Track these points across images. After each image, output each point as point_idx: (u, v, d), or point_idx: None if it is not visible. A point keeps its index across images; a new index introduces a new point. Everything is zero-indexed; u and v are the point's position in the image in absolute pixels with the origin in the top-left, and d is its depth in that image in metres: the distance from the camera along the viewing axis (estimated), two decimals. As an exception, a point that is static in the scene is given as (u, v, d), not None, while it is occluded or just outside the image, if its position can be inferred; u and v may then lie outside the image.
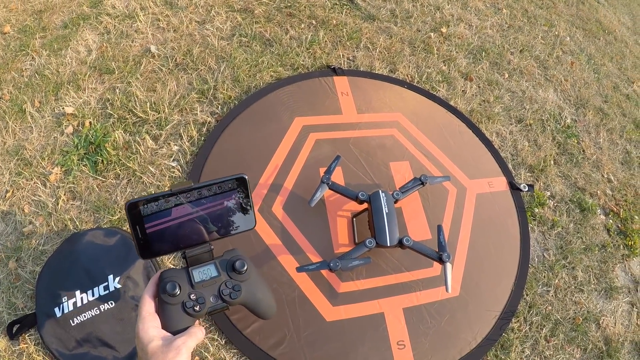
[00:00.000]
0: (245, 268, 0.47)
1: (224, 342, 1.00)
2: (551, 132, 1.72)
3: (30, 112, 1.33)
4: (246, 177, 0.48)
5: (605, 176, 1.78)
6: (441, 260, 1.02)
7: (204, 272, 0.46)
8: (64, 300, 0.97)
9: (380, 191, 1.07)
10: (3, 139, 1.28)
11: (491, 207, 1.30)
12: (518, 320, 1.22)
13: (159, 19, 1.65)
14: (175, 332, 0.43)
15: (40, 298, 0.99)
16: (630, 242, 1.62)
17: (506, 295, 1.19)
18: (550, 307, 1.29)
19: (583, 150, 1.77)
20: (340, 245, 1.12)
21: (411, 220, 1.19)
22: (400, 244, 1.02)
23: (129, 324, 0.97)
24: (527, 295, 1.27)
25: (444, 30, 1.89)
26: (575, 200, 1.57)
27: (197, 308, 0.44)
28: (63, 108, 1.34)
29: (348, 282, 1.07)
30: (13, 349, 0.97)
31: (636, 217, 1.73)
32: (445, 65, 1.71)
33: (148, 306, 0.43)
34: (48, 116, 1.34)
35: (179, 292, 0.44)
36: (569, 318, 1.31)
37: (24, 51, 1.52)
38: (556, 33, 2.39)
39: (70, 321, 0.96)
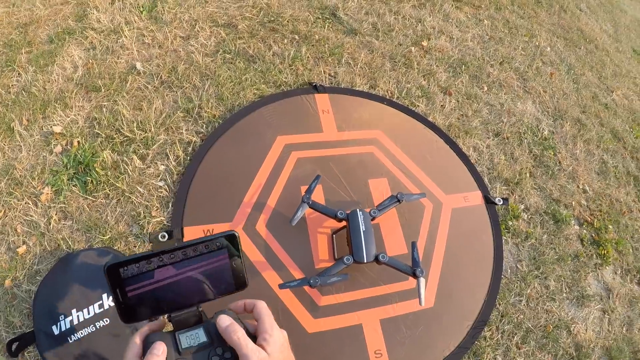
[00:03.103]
0: None
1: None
2: (528, 144, 1.87)
3: (18, 131, 1.42)
4: (236, 234, 0.45)
5: (581, 187, 1.94)
6: (415, 275, 1.15)
7: (192, 337, 0.44)
8: (61, 319, 1.07)
9: (357, 210, 1.20)
10: None
11: (466, 221, 1.44)
12: (490, 329, 1.35)
13: (144, 34, 1.75)
14: None
15: (37, 317, 1.09)
16: (603, 252, 1.76)
17: (479, 305, 1.33)
18: (522, 316, 1.43)
19: (559, 162, 1.93)
20: (320, 260, 1.24)
21: (388, 235, 1.32)
22: (377, 260, 1.15)
23: (123, 339, 1.07)
24: (499, 305, 1.41)
25: (424, 43, 2.03)
26: (549, 212, 1.72)
27: None
28: (51, 127, 1.43)
29: (328, 295, 1.19)
30: None
31: (610, 226, 1.88)
32: (425, 80, 1.85)
33: None
34: (36, 135, 1.43)
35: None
36: (540, 326, 1.45)
37: (10, 67, 1.61)
38: (537, 43, 2.55)
39: (68, 338, 1.06)
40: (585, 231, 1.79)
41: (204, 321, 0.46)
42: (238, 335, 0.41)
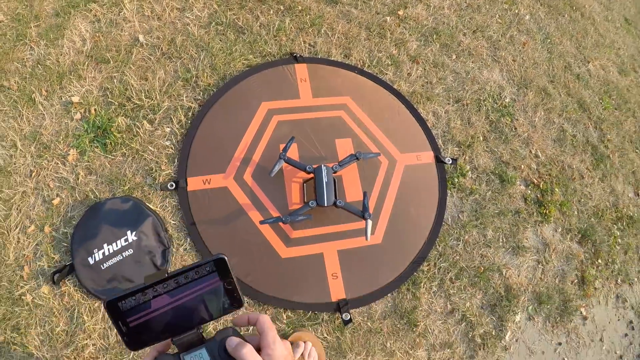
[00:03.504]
0: None
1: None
2: (486, 111, 2.12)
3: (40, 101, 1.68)
4: (225, 258, 0.48)
5: (534, 152, 2.13)
6: (363, 217, 1.51)
7: (196, 357, 0.48)
8: (94, 252, 1.44)
9: (322, 165, 1.53)
10: (20, 126, 1.65)
11: (416, 176, 1.78)
12: (428, 265, 1.69)
13: (143, 7, 1.96)
14: None
15: (75, 252, 1.44)
16: (545, 211, 1.98)
17: (420, 244, 1.69)
18: (457, 257, 1.74)
19: (515, 128, 2.17)
20: (293, 203, 1.60)
21: (349, 186, 1.67)
22: (335, 204, 1.51)
23: (143, 264, 1.45)
24: (439, 246, 1.74)
25: (400, 12, 2.21)
26: (497, 172, 1.98)
27: None
28: (70, 97, 1.71)
29: (298, 230, 1.57)
30: (55, 292, 1.43)
31: (557, 189, 2.07)
32: (395, 49, 2.08)
33: None
34: (57, 104, 1.71)
35: None
36: (474, 267, 1.75)
37: (21, 41, 1.81)
38: (516, 11, 2.64)
39: (101, 266, 1.43)
40: (530, 192, 2.00)
41: (206, 341, 0.50)
42: (246, 351, 0.45)
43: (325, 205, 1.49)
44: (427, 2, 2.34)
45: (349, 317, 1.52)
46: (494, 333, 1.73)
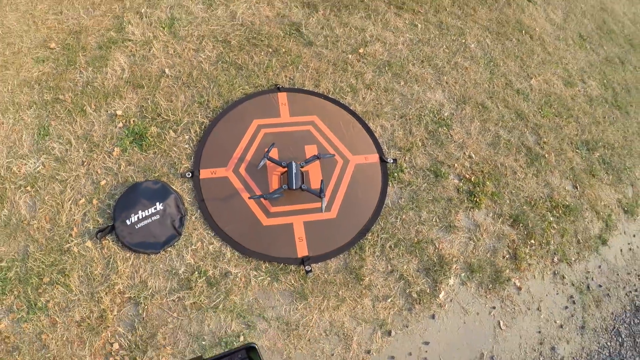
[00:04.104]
0: None
1: (212, 234, 2.23)
2: (425, 123, 2.82)
3: (90, 112, 2.40)
4: (256, 346, 0.49)
5: (467, 154, 2.74)
6: (320, 197, 2.22)
7: None
8: (132, 216, 2.14)
9: (292, 162, 2.25)
10: (74, 129, 2.34)
11: (364, 171, 2.48)
12: (372, 235, 2.34)
13: (167, 47, 2.75)
14: None
15: (117, 216, 2.13)
16: (476, 199, 2.52)
17: (366, 220, 2.38)
18: (396, 230, 2.39)
19: (451, 136, 2.85)
20: (273, 187, 2.32)
21: (313, 178, 2.38)
22: (300, 188, 2.22)
23: (166, 226, 2.15)
24: (381, 222, 2.40)
25: (361, 50, 2.96)
26: (432, 169, 2.65)
27: None
28: (114, 110, 2.45)
29: (276, 207, 2.28)
30: (97, 245, 2.09)
31: (488, 183, 2.63)
32: (354, 80, 2.81)
33: None
34: (104, 115, 2.45)
35: None
36: (410, 239, 2.36)
37: (72, 66, 2.52)
38: (463, 41, 3.32)
39: (135, 226, 2.13)
40: (462, 184, 2.57)
41: None
42: None
43: (294, 188, 2.21)
44: (384, 40, 3.09)
45: (310, 268, 2.21)
46: (429, 291, 2.28)
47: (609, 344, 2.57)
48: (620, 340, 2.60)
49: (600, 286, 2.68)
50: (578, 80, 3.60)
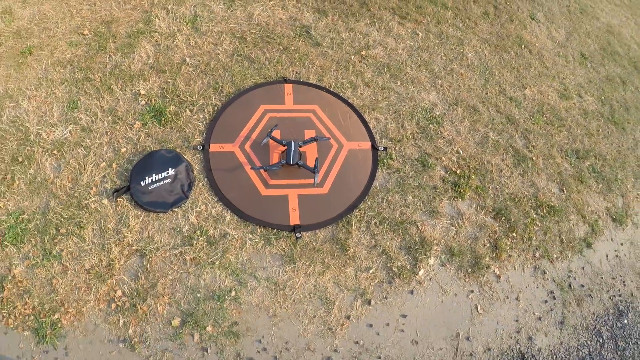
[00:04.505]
0: None
1: (216, 199, 2.55)
2: (417, 120, 3.09)
3: (116, 90, 2.78)
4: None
5: (455, 150, 3.00)
6: (313, 172, 2.51)
7: None
8: (146, 178, 2.45)
9: (292, 141, 2.57)
10: (100, 104, 2.69)
11: (356, 156, 2.77)
12: (359, 212, 2.60)
13: (189, 39, 3.14)
14: None
15: (133, 178, 2.44)
16: (460, 190, 2.74)
17: (354, 197, 2.65)
18: (381, 210, 2.65)
19: (441, 132, 3.10)
20: (273, 161, 2.63)
21: (309, 158, 2.69)
22: (297, 164, 2.53)
23: (174, 189, 2.47)
24: (368, 201, 2.66)
25: (363, 52, 3.30)
26: (420, 159, 2.92)
27: None
28: (138, 90, 2.83)
29: (274, 180, 2.58)
30: (112, 203, 2.40)
31: (474, 176, 2.88)
32: (354, 77, 3.14)
33: None
34: (128, 94, 2.82)
35: None
36: (394, 218, 2.61)
37: (102, 51, 2.90)
38: (461, 50, 3.62)
39: (149, 187, 2.44)
40: (448, 176, 2.80)
41: None
42: None
43: (292, 163, 2.51)
44: (386, 45, 3.42)
45: (300, 235, 2.48)
46: (409, 268, 2.48)
47: (589, 342, 2.64)
48: (601, 341, 2.67)
49: (582, 286, 2.79)
50: (574, 94, 3.76)
